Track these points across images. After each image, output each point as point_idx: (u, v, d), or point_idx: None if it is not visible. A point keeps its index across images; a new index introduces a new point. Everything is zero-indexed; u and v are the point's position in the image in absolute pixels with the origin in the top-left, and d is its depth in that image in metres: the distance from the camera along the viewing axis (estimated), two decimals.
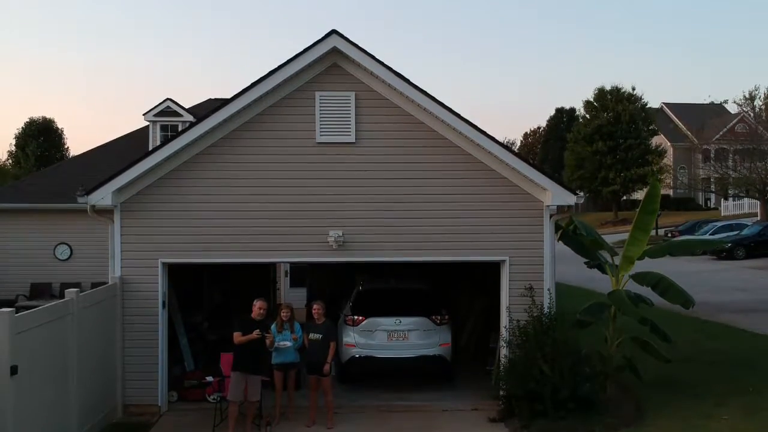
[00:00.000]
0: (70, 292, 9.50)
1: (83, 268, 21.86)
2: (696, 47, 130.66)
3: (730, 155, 57.84)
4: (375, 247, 11.69)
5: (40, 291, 21.97)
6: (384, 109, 11.65)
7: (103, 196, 11.23)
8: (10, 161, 50.19)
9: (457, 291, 16.86)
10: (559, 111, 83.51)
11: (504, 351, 11.64)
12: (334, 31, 11.35)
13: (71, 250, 22.25)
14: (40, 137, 48.53)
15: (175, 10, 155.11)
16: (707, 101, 67.57)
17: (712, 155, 63.37)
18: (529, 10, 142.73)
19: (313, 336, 10.95)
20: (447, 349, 12.68)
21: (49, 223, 21.96)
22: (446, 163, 11.71)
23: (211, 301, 15.91)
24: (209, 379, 11.46)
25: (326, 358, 10.74)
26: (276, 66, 11.31)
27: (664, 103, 75.59)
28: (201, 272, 15.63)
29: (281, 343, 11.01)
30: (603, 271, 12.25)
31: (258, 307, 10.49)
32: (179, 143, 11.26)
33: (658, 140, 64.97)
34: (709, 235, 36.14)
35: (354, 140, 11.61)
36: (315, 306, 11.05)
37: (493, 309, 14.64)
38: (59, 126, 50.68)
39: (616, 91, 62.77)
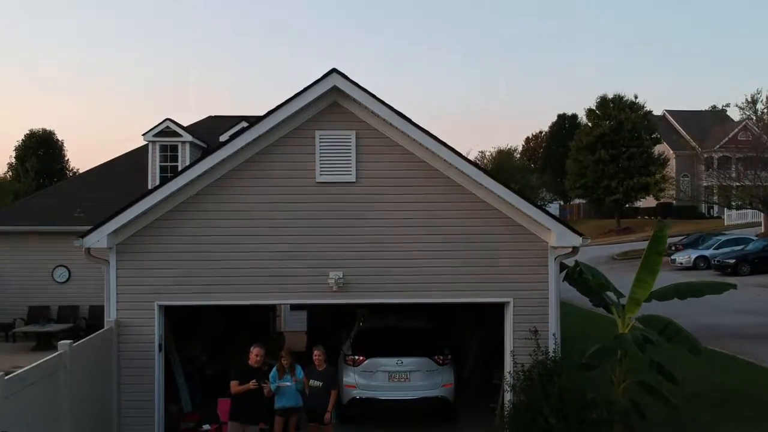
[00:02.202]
0: (63, 345, 9.26)
1: (81, 291, 21.69)
2: (698, 54, 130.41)
3: (733, 164, 57.57)
4: (376, 289, 11.46)
5: (38, 314, 21.79)
6: (384, 147, 11.43)
7: (98, 239, 11.00)
8: (10, 174, 50.04)
9: (456, 321, 16.59)
10: (561, 117, 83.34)
11: (508, 395, 11.39)
12: (334, 70, 11.12)
13: (69, 273, 22.07)
14: (40, 150, 48.40)
15: (179, 22, 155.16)
16: (709, 108, 67.49)
17: (714, 164, 63.14)
18: (530, 13, 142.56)
19: (313, 383, 10.70)
20: (450, 390, 12.42)
21: (48, 244, 21.78)
22: (448, 202, 11.47)
23: (211, 331, 15.66)
24: (206, 427, 11.22)
25: (327, 406, 10.49)
26: (275, 105, 11.10)
27: (666, 110, 75.30)
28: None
29: (282, 384, 10.76)
30: (609, 312, 11.99)
31: (255, 354, 10.25)
32: (176, 185, 11.03)
33: (661, 148, 64.69)
34: (713, 249, 35.87)
35: (354, 179, 11.39)
36: (316, 352, 10.80)
37: (495, 339, 14.42)
38: (59, 138, 50.65)
39: (618, 100, 62.51)
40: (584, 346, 12.01)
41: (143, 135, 23.45)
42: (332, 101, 11.36)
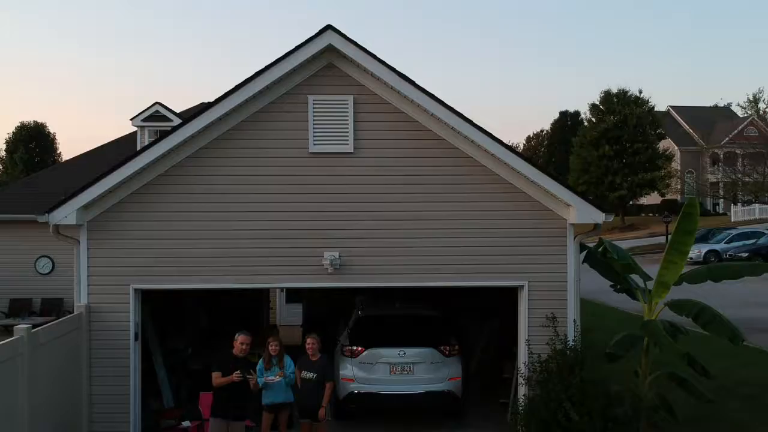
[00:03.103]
0: (20, 330, 8.13)
1: (66, 283, 20.32)
2: (700, 50, 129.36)
3: (739, 159, 56.66)
4: (376, 271, 10.34)
5: (20, 307, 20.69)
6: (386, 114, 10.30)
7: (66, 214, 9.87)
8: (0, 167, 48.97)
9: (463, 310, 15.43)
10: (563, 114, 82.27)
11: (522, 389, 10.27)
12: (329, 27, 9.99)
13: (53, 264, 20.96)
14: (32, 142, 47.27)
15: (171, 12, 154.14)
16: (717, 103, 66.60)
17: (721, 159, 62.14)
18: (530, 10, 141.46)
19: (306, 375, 9.58)
20: (457, 384, 11.29)
21: (30, 234, 20.62)
22: (456, 175, 10.35)
23: (196, 323, 14.54)
24: (186, 424, 10.09)
25: (321, 401, 9.37)
26: (264, 66, 9.95)
27: (670, 106, 74.33)
28: (183, 290, 14.22)
29: (270, 378, 9.63)
30: (633, 297, 10.85)
31: (240, 342, 9.12)
32: (153, 154, 9.90)
33: (665, 144, 63.68)
34: (725, 243, 34.77)
35: (352, 150, 10.26)
36: (309, 340, 9.68)
37: (505, 331, 13.34)
38: (51, 131, 49.52)
39: (622, 94, 61.45)
40: (600, 338, 10.93)
41: (131, 119, 22.33)
42: (327, 62, 10.23)
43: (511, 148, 10.09)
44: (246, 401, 9.16)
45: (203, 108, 9.97)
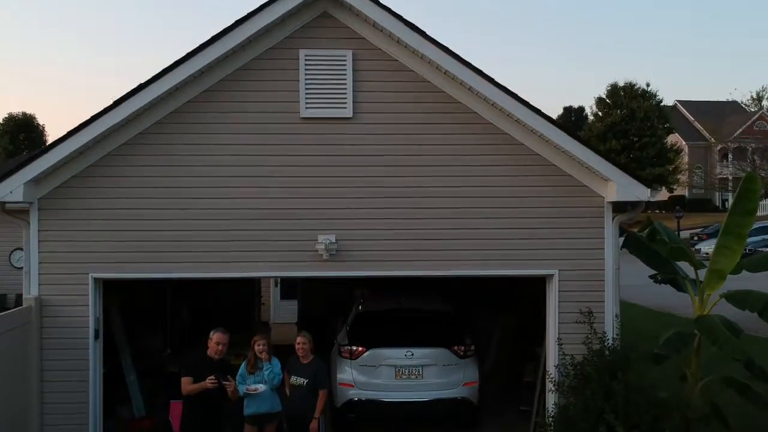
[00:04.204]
0: None
1: None
2: (705, 44, 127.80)
3: (749, 154, 55.44)
4: (378, 258, 8.78)
5: None
6: (391, 73, 8.73)
7: (12, 189, 8.28)
8: None
9: (474, 305, 13.84)
10: (567, 110, 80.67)
11: (552, 396, 8.70)
12: None
13: None
14: (20, 133, 45.79)
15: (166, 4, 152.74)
16: (726, 98, 65.21)
17: (730, 154, 60.82)
18: (530, 5, 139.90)
19: (296, 381, 8.04)
20: (473, 390, 9.74)
21: (3, 225, 19.11)
22: (475, 145, 8.79)
23: (177, 321, 12.98)
24: None
25: (314, 412, 7.83)
26: (246, 13, 8.39)
27: (677, 101, 72.83)
28: (161, 284, 12.69)
29: (252, 387, 8.09)
30: (680, 288, 9.31)
31: (215, 341, 7.57)
32: (113, 118, 8.31)
33: (673, 139, 62.21)
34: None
35: (350, 115, 8.69)
36: (299, 339, 8.14)
37: (523, 329, 11.83)
38: (40, 122, 48.04)
39: (629, 88, 59.94)
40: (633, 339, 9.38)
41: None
42: (322, 11, 8.65)
43: (539, 111, 8.50)
44: (222, 412, 7.61)
45: (174, 64, 8.38)
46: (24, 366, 8.25)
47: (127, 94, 8.32)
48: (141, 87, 8.33)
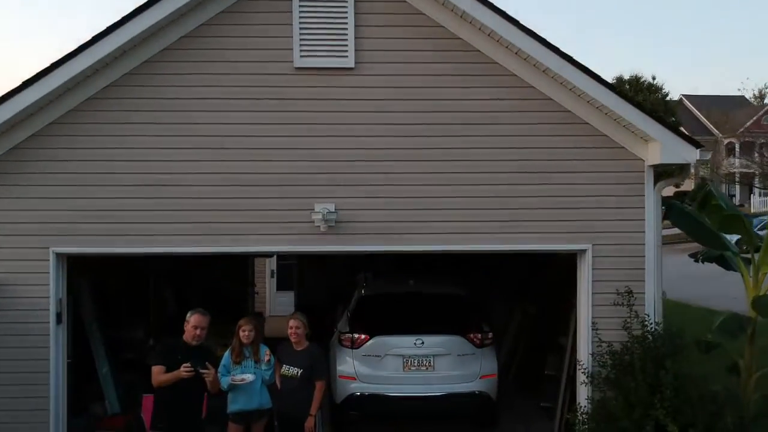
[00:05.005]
0: None
1: None
2: (704, 41, 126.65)
3: (756, 148, 54.44)
4: (384, 230, 7.60)
5: None
6: (400, 16, 7.54)
7: None
8: None
9: (489, 293, 12.68)
10: None
11: (585, 390, 7.53)
12: None
13: None
14: None
15: None
16: (733, 93, 64.19)
17: (737, 149, 59.80)
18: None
19: (288, 371, 6.87)
20: (492, 383, 8.57)
21: None
22: (495, 100, 7.61)
23: (162, 309, 11.79)
24: None
25: (309, 408, 6.66)
26: None
27: (683, 95, 71.65)
28: (144, 268, 11.53)
29: (239, 376, 6.93)
30: (727, 266, 8.15)
31: (193, 324, 6.41)
32: (74, 68, 7.11)
33: None
34: (757, 230, 32.15)
35: (352, 65, 7.51)
36: (291, 323, 6.97)
37: (542, 317, 10.70)
38: None
39: (635, 81, 58.53)
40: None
41: None
42: None
43: (571, 59, 7.32)
44: (200, 407, 6.44)
45: (147, 3, 7.19)
46: None
47: (95, 37, 7.12)
48: (110, 29, 7.12)
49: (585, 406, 7.44)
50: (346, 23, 7.47)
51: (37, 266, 7.38)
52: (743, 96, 70.48)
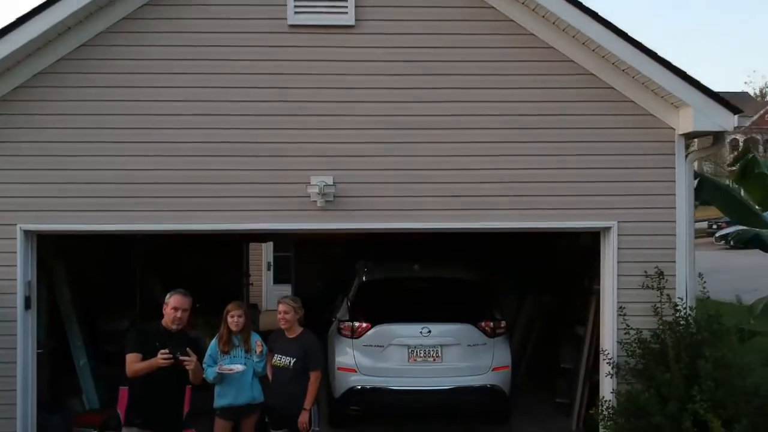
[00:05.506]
0: None
1: None
2: (706, 37, 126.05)
3: (760, 145, 53.87)
4: (387, 206, 6.88)
5: None
6: None
7: None
8: None
9: (497, 282, 11.93)
10: None
11: (610, 382, 6.81)
12: None
13: None
14: None
15: None
16: (737, 89, 63.53)
17: (741, 145, 59.25)
18: None
19: (279, 361, 6.15)
20: (505, 376, 7.85)
21: None
22: (510, 62, 6.90)
23: (148, 301, 11.06)
24: None
25: (303, 402, 5.94)
26: None
27: None
28: (130, 254, 10.83)
29: (227, 366, 6.20)
30: (766, 248, 7.43)
31: (173, 306, 5.68)
32: (45, 22, 6.38)
33: None
34: None
35: (353, 22, 6.79)
36: (280, 307, 6.25)
37: (557, 309, 10.02)
38: None
39: None
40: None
41: None
42: None
43: (595, 14, 6.61)
44: (181, 401, 5.72)
45: None
46: None
47: None
48: None
49: (610, 400, 6.72)
50: None
51: (2, 245, 6.66)
52: (746, 92, 69.81)
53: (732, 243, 8.15)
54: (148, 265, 11.14)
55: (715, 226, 35.15)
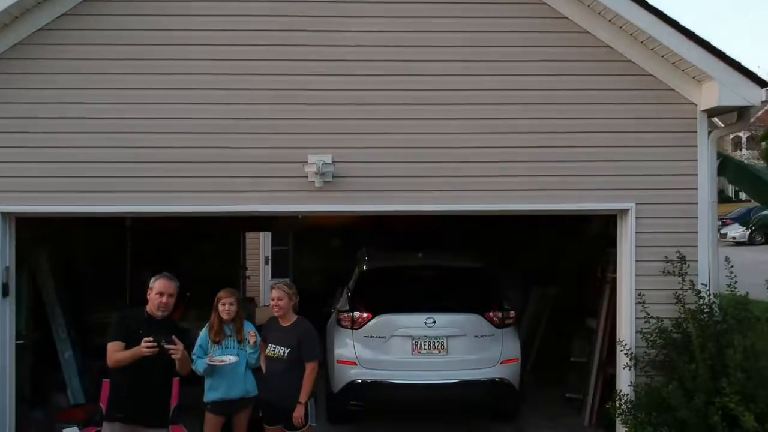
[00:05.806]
0: None
1: None
2: (719, 27, 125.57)
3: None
4: (389, 186, 6.44)
5: None
6: None
7: None
8: None
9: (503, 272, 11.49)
10: None
11: (628, 375, 6.38)
12: None
13: None
14: None
15: None
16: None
17: (743, 142, 58.93)
18: None
19: (273, 351, 5.71)
20: (514, 369, 7.41)
21: None
22: (521, 32, 6.46)
23: (140, 292, 10.64)
24: None
25: (298, 395, 5.51)
26: None
27: None
28: (121, 244, 10.42)
29: (218, 357, 5.77)
30: None
31: (158, 291, 5.26)
32: None
33: None
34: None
35: None
36: (273, 293, 5.83)
37: (566, 301, 9.62)
38: None
39: None
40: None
41: None
42: None
43: None
44: (168, 393, 5.29)
45: None
46: None
47: None
48: None
49: (628, 394, 6.28)
50: None
51: None
52: None
53: (758, 226, 7.72)
54: (139, 256, 10.71)
55: (720, 223, 34.68)
